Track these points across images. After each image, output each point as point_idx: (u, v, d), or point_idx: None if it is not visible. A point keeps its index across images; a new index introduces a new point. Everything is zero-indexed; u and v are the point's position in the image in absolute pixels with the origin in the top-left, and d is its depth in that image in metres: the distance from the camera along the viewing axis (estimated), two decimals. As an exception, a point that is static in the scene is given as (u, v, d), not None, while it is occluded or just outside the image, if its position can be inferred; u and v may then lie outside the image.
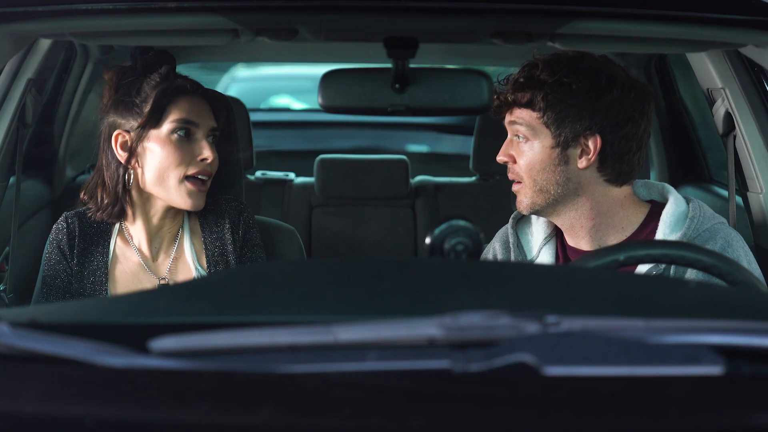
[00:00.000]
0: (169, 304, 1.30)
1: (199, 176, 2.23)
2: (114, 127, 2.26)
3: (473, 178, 3.99)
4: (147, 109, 2.21)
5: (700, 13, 1.91)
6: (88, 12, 1.94)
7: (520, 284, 1.37)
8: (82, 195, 2.32)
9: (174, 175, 2.21)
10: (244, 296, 1.31)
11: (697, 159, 3.69)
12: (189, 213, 2.33)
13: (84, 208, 2.34)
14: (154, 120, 2.21)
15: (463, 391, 1.04)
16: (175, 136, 2.22)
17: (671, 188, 2.13)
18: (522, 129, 2.07)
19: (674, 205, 2.07)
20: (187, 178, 2.22)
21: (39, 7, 1.95)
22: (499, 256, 2.23)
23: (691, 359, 1.08)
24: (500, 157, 2.12)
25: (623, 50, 2.22)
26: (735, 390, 1.07)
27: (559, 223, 2.14)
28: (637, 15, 1.95)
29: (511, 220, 2.25)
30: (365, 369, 1.08)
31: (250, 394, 1.04)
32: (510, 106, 2.10)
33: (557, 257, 2.16)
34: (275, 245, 2.43)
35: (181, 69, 2.38)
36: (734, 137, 2.63)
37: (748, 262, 2.02)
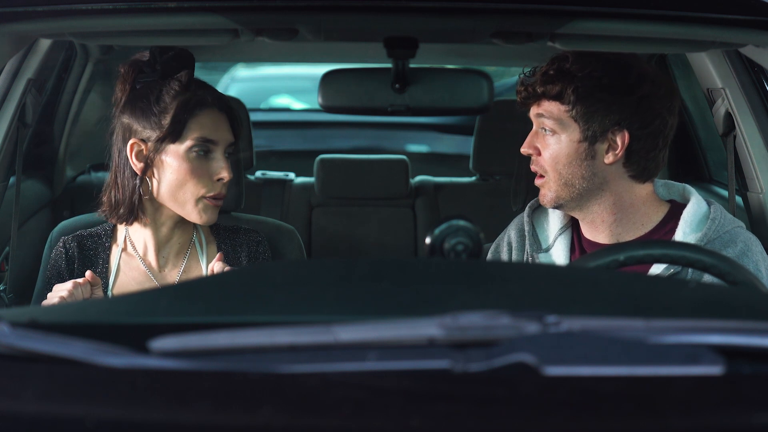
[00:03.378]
0: (169, 304, 1.30)
1: (216, 198, 2.18)
2: (130, 132, 2.18)
3: (473, 178, 3.99)
4: (166, 121, 2.14)
5: (700, 13, 1.91)
6: (88, 12, 1.94)
7: (520, 284, 1.37)
8: (102, 199, 2.24)
9: (190, 193, 2.16)
10: (244, 296, 1.31)
11: (697, 159, 3.69)
12: (202, 228, 2.31)
13: (83, 225, 2.31)
14: (174, 135, 2.14)
15: (463, 391, 1.04)
16: (194, 153, 2.15)
17: (692, 189, 2.12)
18: (549, 122, 2.06)
19: (696, 206, 2.06)
20: (203, 197, 2.17)
21: (39, 7, 1.95)
22: (514, 244, 2.23)
23: (691, 359, 1.08)
24: (524, 149, 2.11)
25: (623, 50, 2.22)
26: (735, 390, 1.07)
27: (580, 216, 2.13)
28: (637, 15, 1.95)
29: (527, 209, 2.24)
30: (365, 369, 1.08)
31: (250, 394, 1.04)
32: (538, 98, 2.08)
33: (573, 248, 2.16)
34: (275, 245, 2.43)
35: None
36: (734, 137, 2.63)
37: (767, 267, 2.02)
